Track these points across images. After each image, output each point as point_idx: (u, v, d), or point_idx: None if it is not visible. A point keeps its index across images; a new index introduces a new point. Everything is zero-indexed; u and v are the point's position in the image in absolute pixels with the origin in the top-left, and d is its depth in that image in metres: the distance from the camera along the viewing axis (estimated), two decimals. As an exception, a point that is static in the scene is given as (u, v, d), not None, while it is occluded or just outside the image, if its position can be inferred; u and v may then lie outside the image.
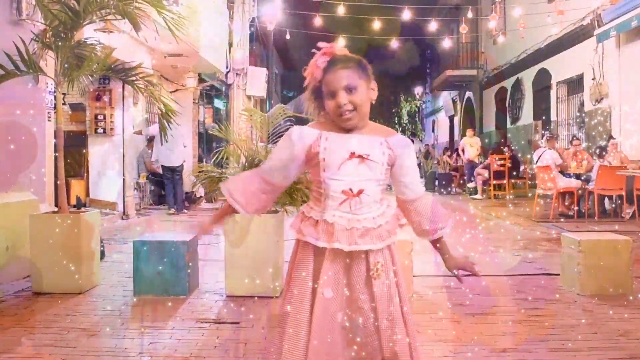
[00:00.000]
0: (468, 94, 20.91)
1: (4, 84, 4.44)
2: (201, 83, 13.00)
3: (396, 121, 29.46)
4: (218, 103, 16.49)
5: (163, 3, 4.94)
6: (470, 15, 14.03)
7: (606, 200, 9.28)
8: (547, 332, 3.38)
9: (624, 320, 3.61)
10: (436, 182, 16.15)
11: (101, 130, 9.36)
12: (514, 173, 13.12)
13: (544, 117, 14.03)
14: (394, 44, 17.14)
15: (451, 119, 24.36)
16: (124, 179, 9.27)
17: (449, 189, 15.23)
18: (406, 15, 14.07)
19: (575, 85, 12.43)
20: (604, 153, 8.98)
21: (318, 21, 14.15)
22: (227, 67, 13.89)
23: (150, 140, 10.44)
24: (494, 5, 13.42)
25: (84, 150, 9.60)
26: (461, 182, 15.13)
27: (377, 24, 14.84)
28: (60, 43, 4.49)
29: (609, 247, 4.24)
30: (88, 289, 4.39)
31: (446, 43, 16.02)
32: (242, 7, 14.53)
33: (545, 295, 4.24)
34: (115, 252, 6.01)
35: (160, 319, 3.69)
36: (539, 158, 9.39)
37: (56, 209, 4.86)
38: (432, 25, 14.74)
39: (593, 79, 10.92)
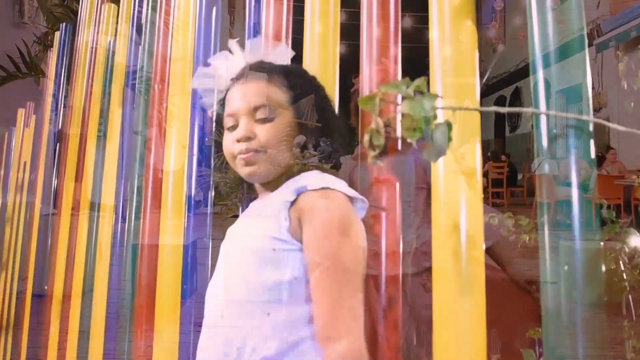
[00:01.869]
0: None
1: (4, 86, 4.46)
2: (201, 87, 13.06)
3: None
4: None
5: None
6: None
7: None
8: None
9: (620, 329, 3.62)
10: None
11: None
12: (512, 181, 13.14)
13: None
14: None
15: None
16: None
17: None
18: (406, 23, 14.14)
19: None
20: (602, 162, 9.01)
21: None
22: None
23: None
24: (494, 14, 13.49)
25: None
26: None
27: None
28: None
29: (606, 255, 4.26)
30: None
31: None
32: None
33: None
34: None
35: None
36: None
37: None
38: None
39: (592, 89, 10.98)
